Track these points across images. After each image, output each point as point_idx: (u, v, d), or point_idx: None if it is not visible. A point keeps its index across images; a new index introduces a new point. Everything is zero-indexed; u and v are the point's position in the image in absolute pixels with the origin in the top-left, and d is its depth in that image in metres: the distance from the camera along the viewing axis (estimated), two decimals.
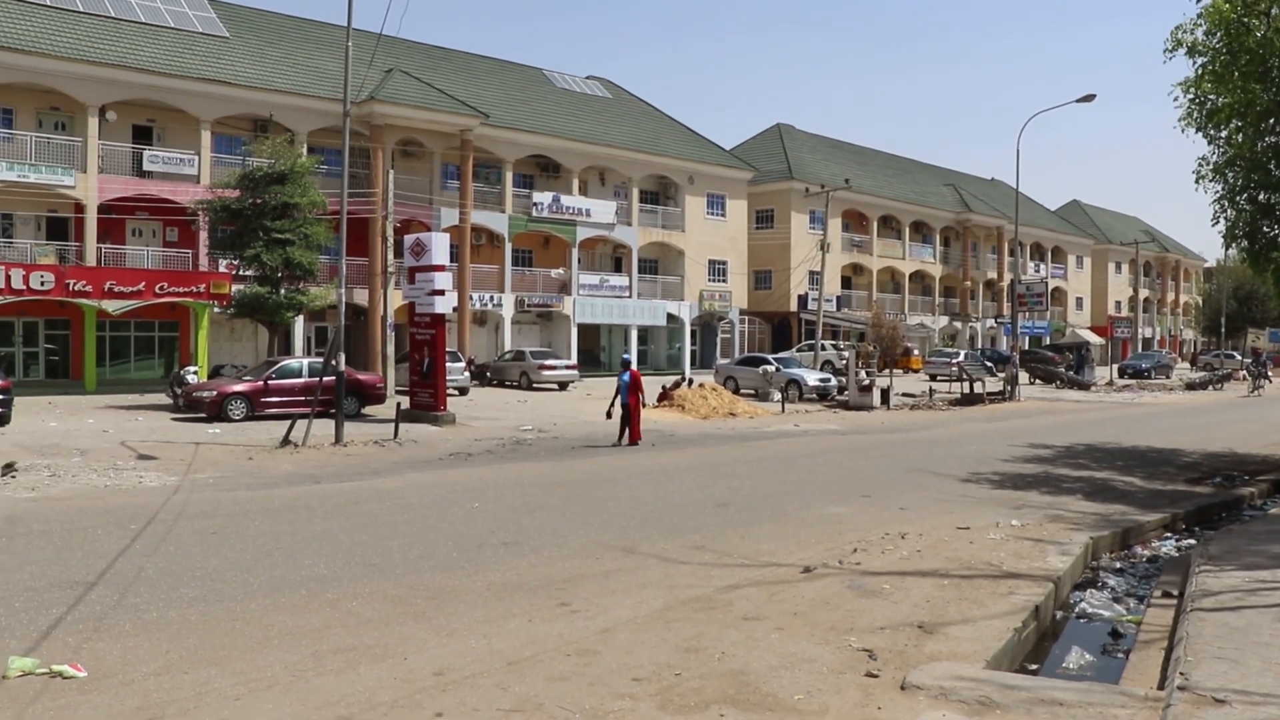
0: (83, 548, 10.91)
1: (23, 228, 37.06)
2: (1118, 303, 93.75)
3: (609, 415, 24.30)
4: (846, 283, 67.74)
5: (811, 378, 38.66)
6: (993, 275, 78.94)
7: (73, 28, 37.69)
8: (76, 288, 32.35)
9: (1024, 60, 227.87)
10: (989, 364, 54.76)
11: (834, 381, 38.88)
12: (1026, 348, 65.51)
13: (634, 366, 23.88)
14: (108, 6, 40.07)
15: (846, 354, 44.31)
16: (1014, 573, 9.88)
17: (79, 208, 36.71)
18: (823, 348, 50.11)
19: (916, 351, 63.23)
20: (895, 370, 54.34)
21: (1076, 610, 9.77)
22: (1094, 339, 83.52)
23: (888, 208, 69.41)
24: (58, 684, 6.47)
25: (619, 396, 23.09)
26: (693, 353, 57.06)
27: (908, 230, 71.49)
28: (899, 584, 9.36)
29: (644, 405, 24.16)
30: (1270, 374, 44.84)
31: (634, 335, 53.58)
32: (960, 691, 6.47)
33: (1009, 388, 41.21)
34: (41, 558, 10.39)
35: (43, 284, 31.75)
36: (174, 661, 6.98)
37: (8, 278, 31.10)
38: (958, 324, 75.51)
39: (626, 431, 23.00)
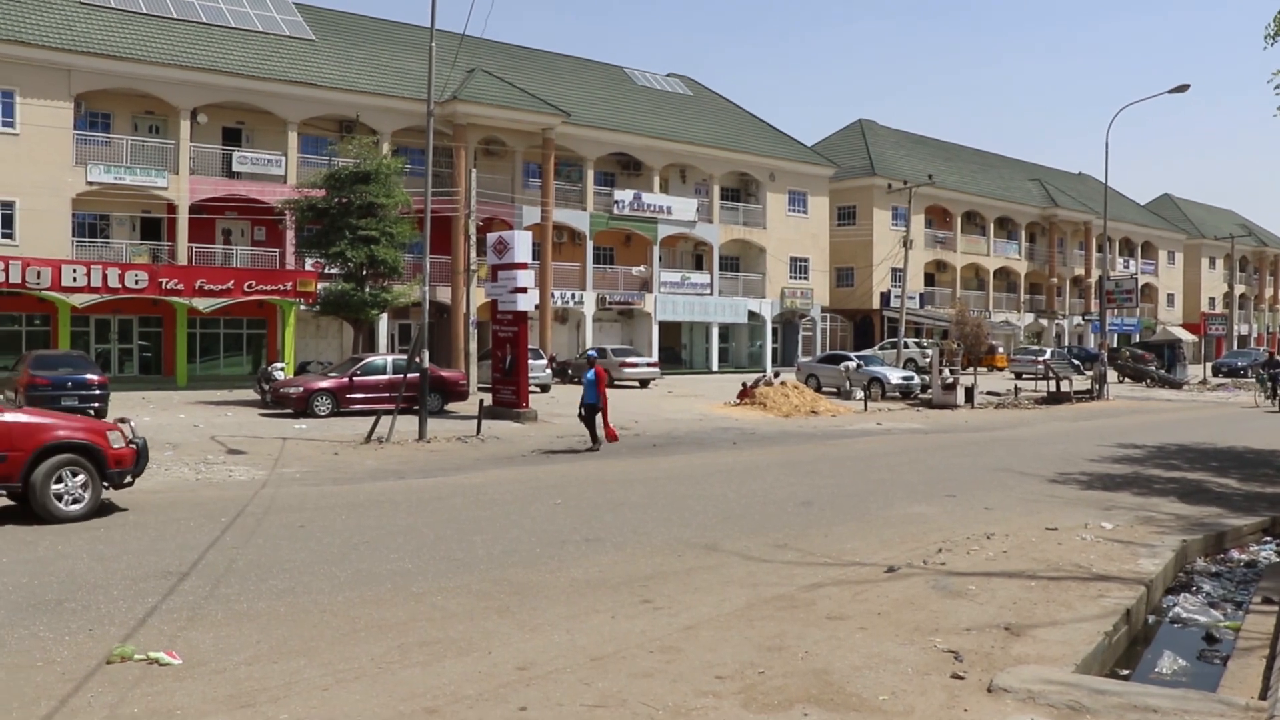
0: (175, 539, 11.19)
1: (118, 228, 38.13)
2: (1211, 299, 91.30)
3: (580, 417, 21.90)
4: (929, 280, 66.91)
5: (894, 375, 38.25)
6: (1080, 271, 77.42)
7: (166, 34, 38.69)
8: (169, 286, 33.21)
9: (1114, 50, 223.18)
10: (1076, 362, 53.70)
11: (917, 379, 38.43)
12: (1115, 345, 64.15)
13: (599, 363, 22.44)
14: (199, 13, 41.05)
15: (930, 352, 43.78)
16: (1104, 575, 9.67)
17: (171, 208, 37.68)
18: (905, 345, 49.56)
19: (1001, 349, 62.20)
20: (979, 368, 53.44)
21: (1170, 615, 9.51)
22: (1186, 336, 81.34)
23: (972, 203, 68.41)
24: (155, 670, 6.64)
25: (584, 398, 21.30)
26: (774, 350, 56.82)
27: (992, 226, 70.39)
28: (985, 585, 9.22)
29: (605, 403, 21.40)
30: None
31: (715, 333, 53.50)
32: (1049, 695, 6.36)
33: (1097, 386, 40.38)
34: (137, 548, 10.68)
35: (137, 283, 32.65)
36: (264, 651, 7.12)
37: (104, 277, 32.06)
38: (1043, 321, 74.18)
39: (599, 433, 21.22)
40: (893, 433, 26.04)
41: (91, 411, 24.94)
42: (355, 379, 27.38)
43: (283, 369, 31.55)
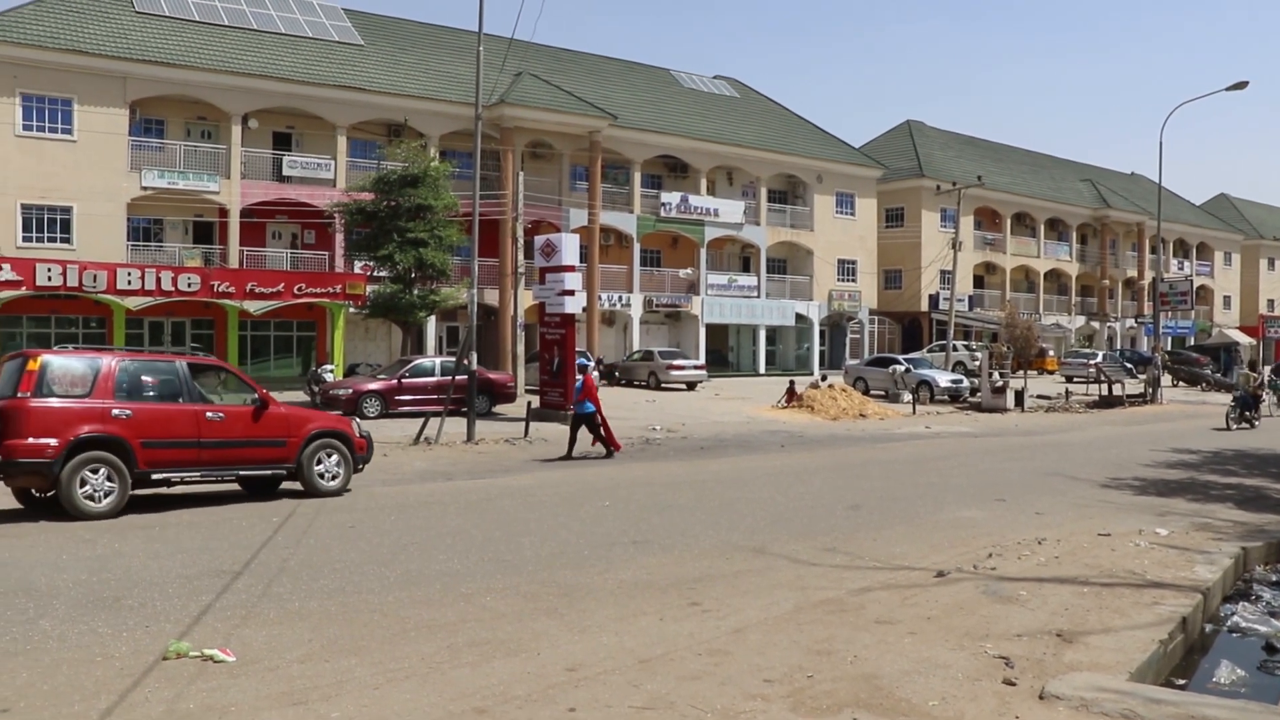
0: (229, 538, 11.34)
1: (172, 232, 38.72)
2: (1270, 301, 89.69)
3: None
4: (979, 282, 66.36)
5: (943, 379, 38.00)
6: (1133, 273, 76.40)
7: (218, 41, 39.27)
8: (220, 289, 33.64)
9: (1168, 48, 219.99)
10: (1129, 365, 53.02)
11: (966, 383, 38.14)
12: (1169, 348, 63.27)
13: (590, 371, 21.88)
14: (250, 20, 41.61)
15: (979, 355, 43.45)
16: (1159, 582, 9.53)
17: (223, 212, 38.22)
18: (954, 348, 49.20)
19: (1052, 352, 61.57)
20: (1030, 371, 53.00)
21: (1228, 624, 9.35)
22: (1243, 339, 79.97)
23: (1022, 205, 67.75)
24: (210, 667, 6.73)
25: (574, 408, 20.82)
26: (821, 353, 56.58)
27: (1042, 228, 69.68)
28: (1036, 590, 9.12)
29: (601, 411, 21.05)
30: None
31: (762, 335, 53.40)
32: (1102, 703, 6.27)
33: (1150, 390, 39.86)
34: (191, 547, 10.84)
35: (189, 285, 33.11)
36: (316, 650, 7.19)
37: (158, 280, 32.54)
38: (1095, 324, 73.30)
39: (604, 440, 20.77)
40: (942, 436, 25.85)
41: None
42: (404, 381, 27.60)
43: (332, 371, 31.87)
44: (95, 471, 12.66)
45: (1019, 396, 35.29)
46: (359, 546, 10.96)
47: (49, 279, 31.16)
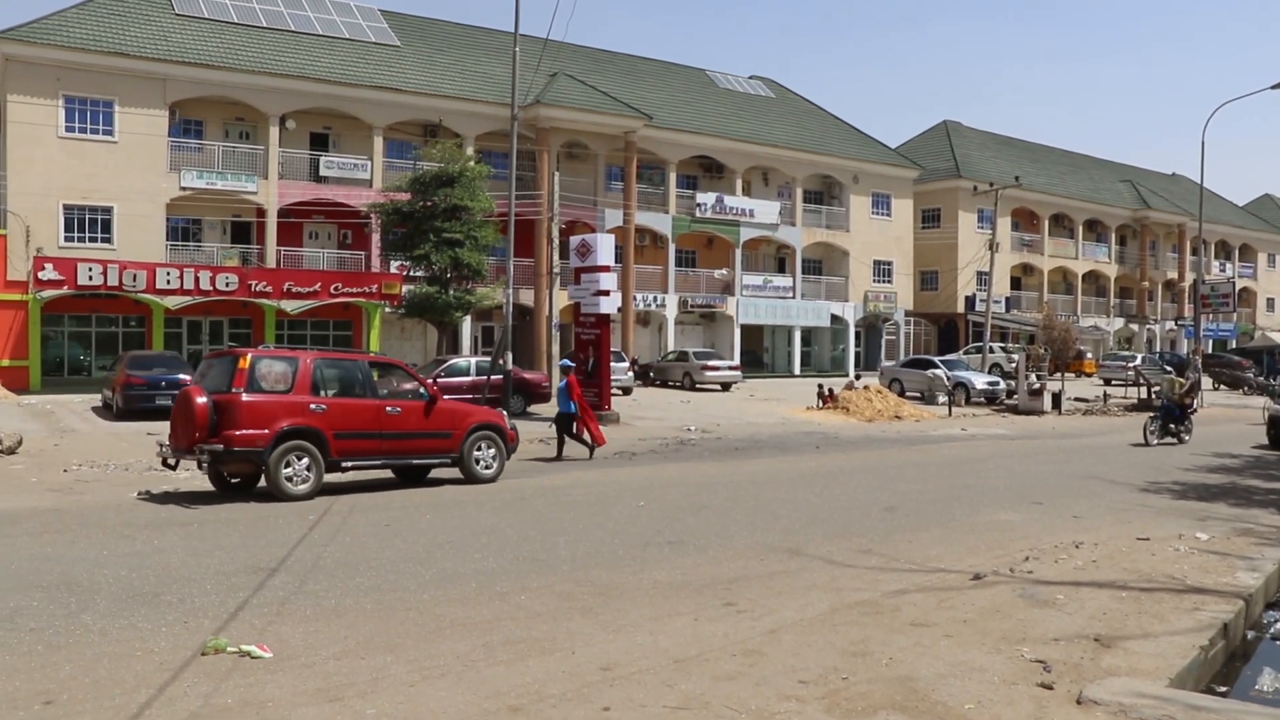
0: (265, 535, 11.43)
1: (210, 232, 39.08)
2: None
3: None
4: (1016, 283, 65.84)
5: (979, 380, 37.76)
6: (1173, 275, 75.54)
7: (256, 42, 39.63)
8: (258, 289, 33.98)
9: (1209, 46, 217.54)
10: (1168, 368, 52.41)
11: (1003, 385, 37.87)
12: (1210, 351, 62.52)
13: (573, 371, 21.55)
14: (288, 21, 41.96)
15: (1016, 357, 43.10)
16: (1199, 588, 9.43)
17: (260, 212, 38.54)
18: (991, 350, 48.85)
19: (1090, 355, 61.01)
20: (1067, 374, 52.48)
21: (1271, 631, 9.23)
22: None
23: (1060, 205, 67.19)
24: (246, 663, 6.79)
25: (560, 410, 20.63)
26: (857, 354, 56.36)
27: (1081, 229, 69.07)
28: (1073, 594, 9.04)
29: (586, 410, 20.85)
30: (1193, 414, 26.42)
31: (797, 336, 53.25)
32: (1141, 709, 6.21)
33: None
34: (229, 544, 10.93)
35: (227, 285, 33.48)
36: (352, 647, 7.24)
37: (196, 279, 32.94)
38: (1134, 326, 72.55)
39: (587, 439, 20.54)
40: (978, 438, 25.69)
41: None
42: (439, 380, 27.71)
43: None
44: (299, 459, 14.19)
45: (1056, 399, 35.01)
46: (394, 544, 11.02)
47: (90, 278, 31.61)
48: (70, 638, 7.37)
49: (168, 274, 32.79)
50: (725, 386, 40.99)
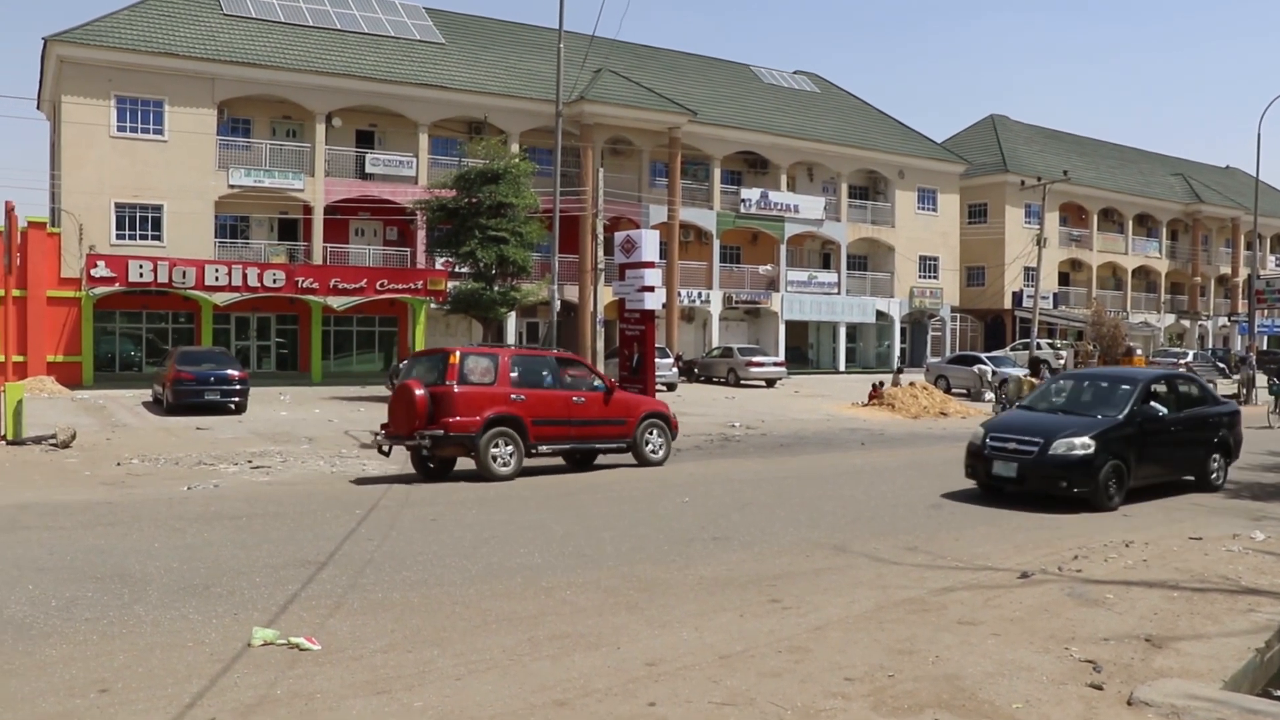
0: (313, 529, 11.54)
1: (257, 229, 39.51)
2: None
3: None
4: (1064, 279, 65.13)
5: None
6: (1226, 270, 74.42)
7: (303, 41, 40.01)
8: (305, 285, 34.32)
9: (1266, 36, 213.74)
10: (1221, 365, 51.68)
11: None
12: (1265, 348, 61.52)
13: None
14: (334, 20, 42.32)
15: (1064, 353, 42.66)
16: (1254, 589, 9.27)
17: (307, 209, 38.91)
18: (1039, 346, 48.34)
19: (1140, 351, 60.01)
20: None
21: None
22: None
23: (1109, 200, 66.38)
24: (295, 655, 6.86)
25: None
26: (902, 350, 56.00)
27: (1131, 223, 68.21)
28: (1123, 594, 8.93)
29: None
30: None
31: (842, 332, 53.00)
32: (1195, 711, 6.11)
33: (1244, 391, 38.79)
34: (277, 537, 11.05)
35: (275, 281, 33.83)
36: (399, 640, 7.29)
37: (244, 276, 33.32)
38: (1185, 322, 71.54)
39: None
40: None
41: (232, 406, 25.92)
42: None
43: None
44: (505, 443, 15.90)
45: None
46: (441, 539, 11.09)
47: (140, 275, 32.05)
48: (124, 628, 7.49)
49: (216, 271, 33.20)
50: (770, 383, 40.87)
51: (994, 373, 37.09)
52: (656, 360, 29.13)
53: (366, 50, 41.33)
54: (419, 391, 15.55)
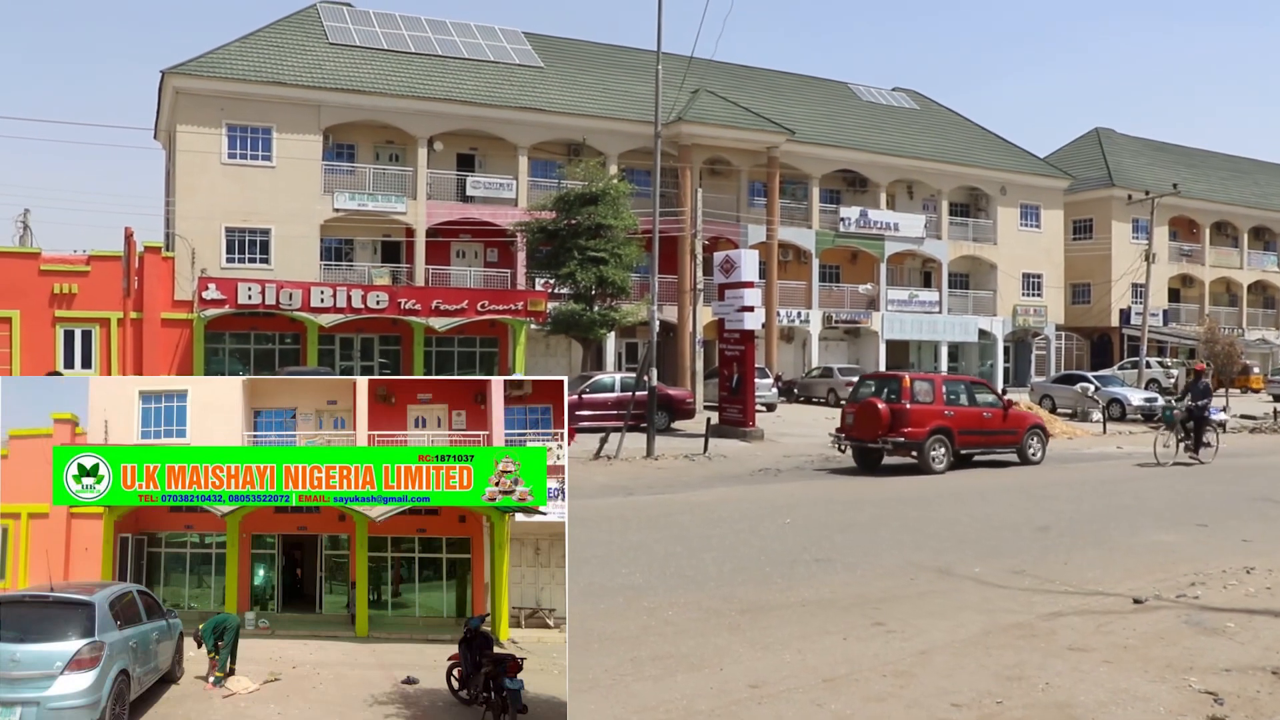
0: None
1: (360, 252, 40.37)
2: None
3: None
4: (1174, 295, 63.30)
5: (1136, 397, 36.42)
6: None
7: (405, 68, 40.89)
8: (407, 306, 34.96)
9: None
10: None
11: (1161, 401, 36.41)
12: None
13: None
14: (435, 46, 43.16)
15: (1175, 372, 41.46)
16: None
17: (409, 232, 39.67)
18: (1148, 365, 47.12)
19: (1257, 370, 58.24)
20: (1232, 390, 50.27)
21: None
22: None
23: (1221, 213, 64.42)
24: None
25: None
26: (1006, 370, 54.96)
27: (1246, 237, 66.05)
28: (1246, 623, 8.62)
29: None
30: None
31: (944, 352, 52.25)
32: None
33: None
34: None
35: (378, 303, 34.53)
36: None
37: (348, 298, 34.09)
38: None
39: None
40: (1134, 456, 24.74)
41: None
42: (584, 396, 28.01)
43: None
44: (940, 448, 20.45)
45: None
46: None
47: (249, 298, 32.98)
48: None
49: (322, 293, 34.00)
50: None
51: (1097, 389, 36.23)
52: (756, 380, 29.04)
53: (467, 75, 42.06)
54: (882, 406, 20.13)
